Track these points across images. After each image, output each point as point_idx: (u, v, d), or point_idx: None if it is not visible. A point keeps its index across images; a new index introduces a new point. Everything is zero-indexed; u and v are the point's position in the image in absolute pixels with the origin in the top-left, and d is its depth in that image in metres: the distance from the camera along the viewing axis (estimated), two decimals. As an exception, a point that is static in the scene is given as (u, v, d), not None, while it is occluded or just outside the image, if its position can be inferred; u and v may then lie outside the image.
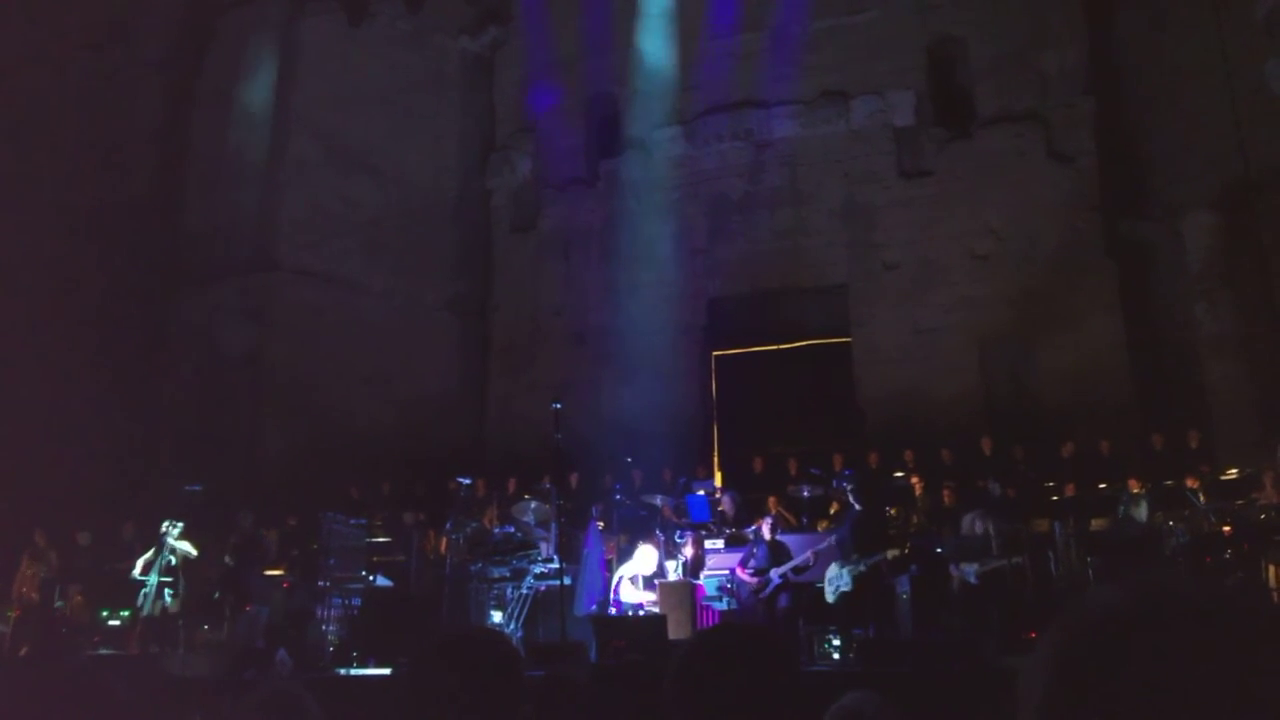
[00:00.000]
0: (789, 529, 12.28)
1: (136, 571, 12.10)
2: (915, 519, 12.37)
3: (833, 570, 10.26)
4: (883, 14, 17.37)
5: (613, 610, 10.93)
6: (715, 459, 17.06)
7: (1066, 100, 16.28)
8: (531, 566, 10.54)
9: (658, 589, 11.01)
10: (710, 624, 9.58)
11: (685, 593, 11.06)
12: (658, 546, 11.55)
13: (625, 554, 11.62)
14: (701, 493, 13.46)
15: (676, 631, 9.66)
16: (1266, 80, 13.78)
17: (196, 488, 12.61)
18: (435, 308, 18.77)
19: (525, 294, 18.75)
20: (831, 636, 9.91)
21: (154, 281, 16.71)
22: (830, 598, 10.11)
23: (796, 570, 10.78)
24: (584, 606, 10.95)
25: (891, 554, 9.77)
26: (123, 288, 16.71)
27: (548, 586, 10.60)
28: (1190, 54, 15.00)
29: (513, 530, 11.68)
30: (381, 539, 12.94)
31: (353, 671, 9.52)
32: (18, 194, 16.51)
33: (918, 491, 12.83)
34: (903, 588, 10.65)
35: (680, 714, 1.61)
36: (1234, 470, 11.78)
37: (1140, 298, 15.48)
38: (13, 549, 13.32)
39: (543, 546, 10.96)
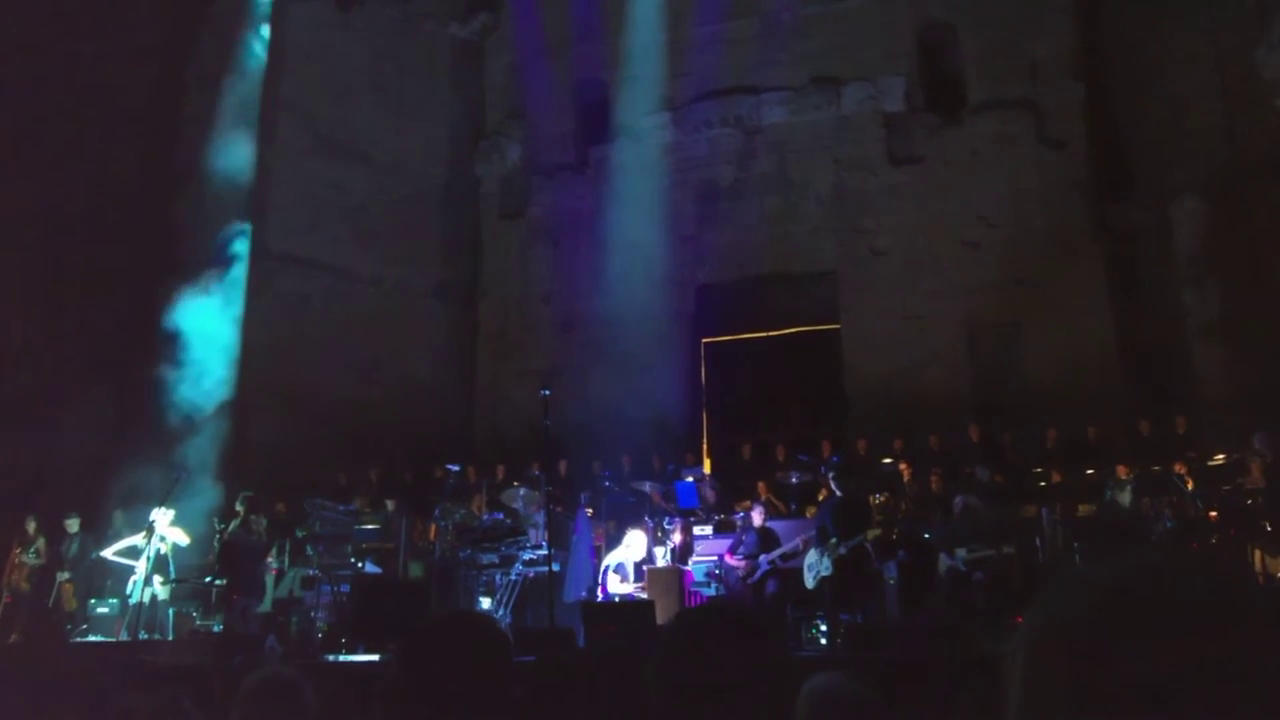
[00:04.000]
0: (777, 515, 12.32)
1: (107, 552, 12.08)
2: (903, 505, 12.41)
3: (812, 556, 10.26)
4: (873, 0, 17.34)
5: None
6: (704, 446, 17.08)
7: (1056, 87, 16.29)
8: (520, 553, 10.53)
9: (646, 576, 11.03)
10: (699, 610, 9.57)
11: (673, 579, 11.07)
12: (647, 532, 11.56)
13: (614, 541, 11.64)
14: (690, 479, 13.48)
15: (665, 617, 9.66)
16: (1256, 67, 13.79)
17: (185, 474, 12.56)
18: (424, 294, 18.74)
19: (514, 280, 18.71)
20: (819, 622, 9.93)
21: (141, 268, 16.61)
22: (810, 583, 10.11)
23: (785, 557, 10.80)
24: (572, 593, 10.96)
25: (872, 534, 9.77)
26: (109, 274, 16.62)
27: (536, 573, 10.59)
28: (1180, 41, 15.02)
29: (501, 517, 11.67)
30: (370, 525, 12.92)
31: (342, 658, 9.51)
32: (2, 181, 16.40)
33: (906, 478, 12.87)
34: (890, 573, 10.70)
35: (663, 692, 1.61)
36: (1221, 456, 11.83)
37: (1128, 284, 15.52)
38: (5, 535, 13.32)
39: (531, 533, 10.96)
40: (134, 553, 11.77)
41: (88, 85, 17.53)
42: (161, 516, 11.73)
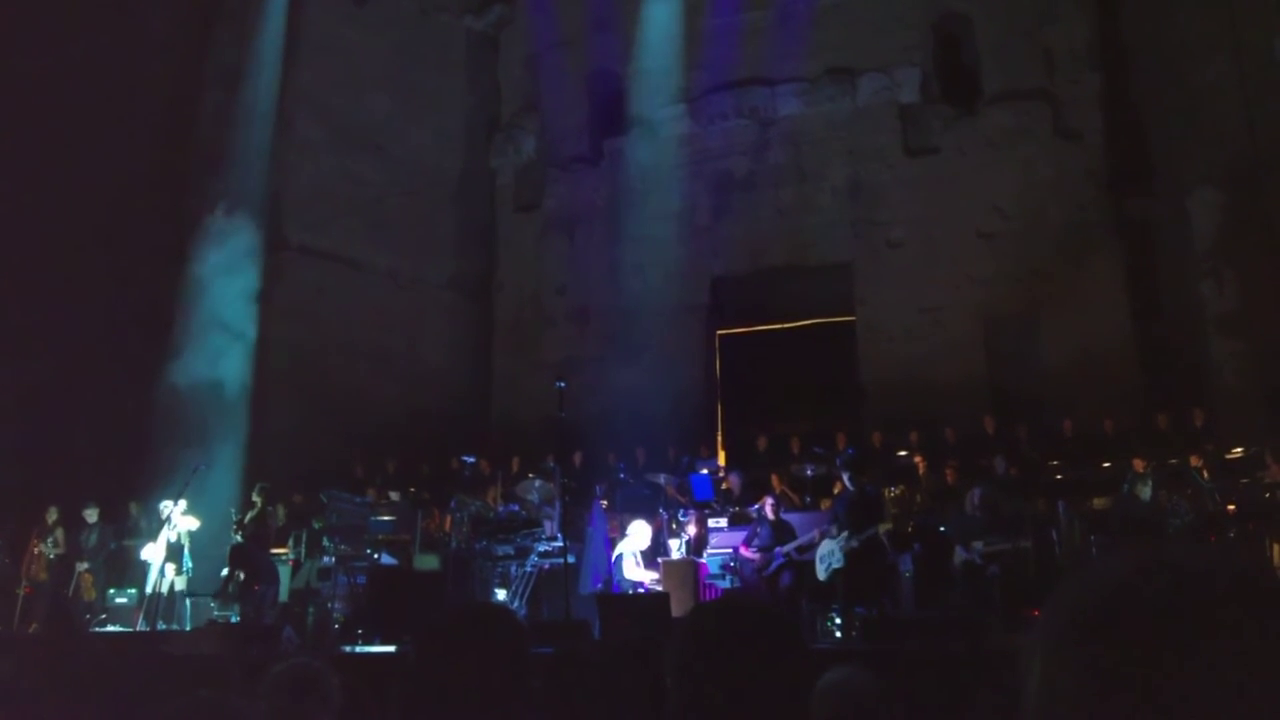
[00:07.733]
0: (792, 508, 12.31)
1: (144, 553, 12.17)
2: (918, 498, 12.39)
3: (825, 548, 10.27)
4: (889, -10, 17.29)
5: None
6: (719, 438, 17.08)
7: (1073, 77, 16.20)
8: (535, 545, 10.56)
9: (660, 567, 11.03)
10: (714, 602, 9.56)
11: (688, 571, 11.07)
12: (650, 522, 11.57)
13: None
14: (705, 471, 13.49)
15: (680, 610, 9.66)
16: (1276, 57, 13.65)
17: (202, 466, 12.64)
18: (439, 287, 18.77)
19: (529, 273, 18.73)
20: (834, 614, 9.93)
21: (159, 258, 16.68)
22: (822, 575, 10.12)
23: (801, 550, 10.80)
24: (588, 585, 10.98)
25: (884, 527, 9.76)
26: (128, 264, 16.70)
27: (551, 565, 10.62)
28: (1199, 30, 14.87)
29: (517, 508, 11.70)
30: (386, 517, 12.97)
31: (358, 649, 9.55)
32: (21, 173, 16.48)
33: (921, 471, 12.84)
34: (905, 566, 10.68)
35: (680, 685, 1.62)
36: (1239, 449, 11.74)
37: (1146, 276, 15.44)
38: (25, 525, 13.41)
39: (547, 525, 10.99)
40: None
41: (104, 78, 17.57)
42: (174, 507, 11.82)
